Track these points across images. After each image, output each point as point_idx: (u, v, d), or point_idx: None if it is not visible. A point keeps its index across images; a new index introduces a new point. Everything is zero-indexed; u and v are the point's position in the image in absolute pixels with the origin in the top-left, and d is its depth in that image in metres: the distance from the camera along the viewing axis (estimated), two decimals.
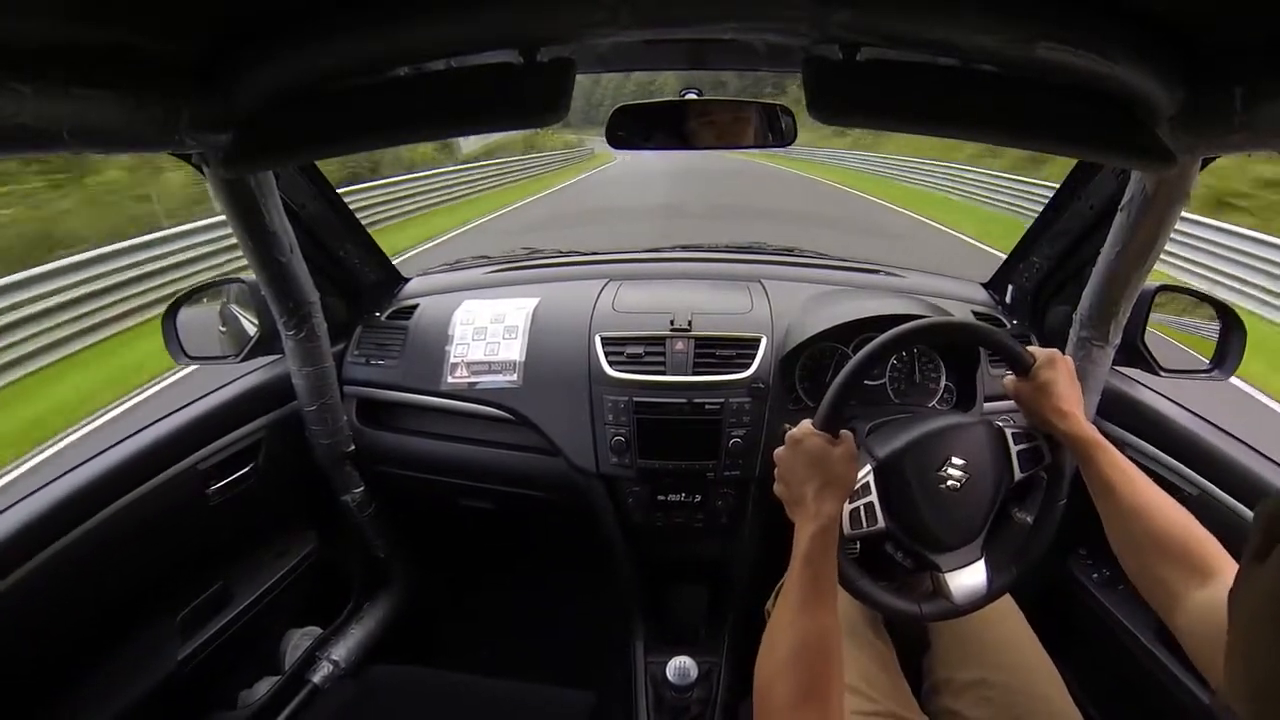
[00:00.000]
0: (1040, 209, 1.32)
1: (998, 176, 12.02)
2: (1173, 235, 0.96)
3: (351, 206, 1.40)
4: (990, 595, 0.84)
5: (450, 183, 13.56)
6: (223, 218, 1.06)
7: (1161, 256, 0.98)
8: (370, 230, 1.48)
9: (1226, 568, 0.66)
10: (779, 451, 0.82)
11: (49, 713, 0.97)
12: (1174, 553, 0.68)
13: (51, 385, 4.97)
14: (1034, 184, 10.25)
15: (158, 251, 6.37)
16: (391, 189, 11.17)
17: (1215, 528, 0.70)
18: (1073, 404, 0.84)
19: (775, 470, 0.82)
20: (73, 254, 5.69)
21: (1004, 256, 1.46)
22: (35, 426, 4.25)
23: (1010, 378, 0.90)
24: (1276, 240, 5.86)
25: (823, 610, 0.70)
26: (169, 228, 6.77)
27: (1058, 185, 1.25)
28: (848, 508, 0.80)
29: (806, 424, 0.81)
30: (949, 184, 13.86)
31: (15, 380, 4.95)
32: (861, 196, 14.63)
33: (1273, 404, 4.10)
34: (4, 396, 4.78)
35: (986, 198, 11.99)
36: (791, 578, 0.73)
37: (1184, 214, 0.94)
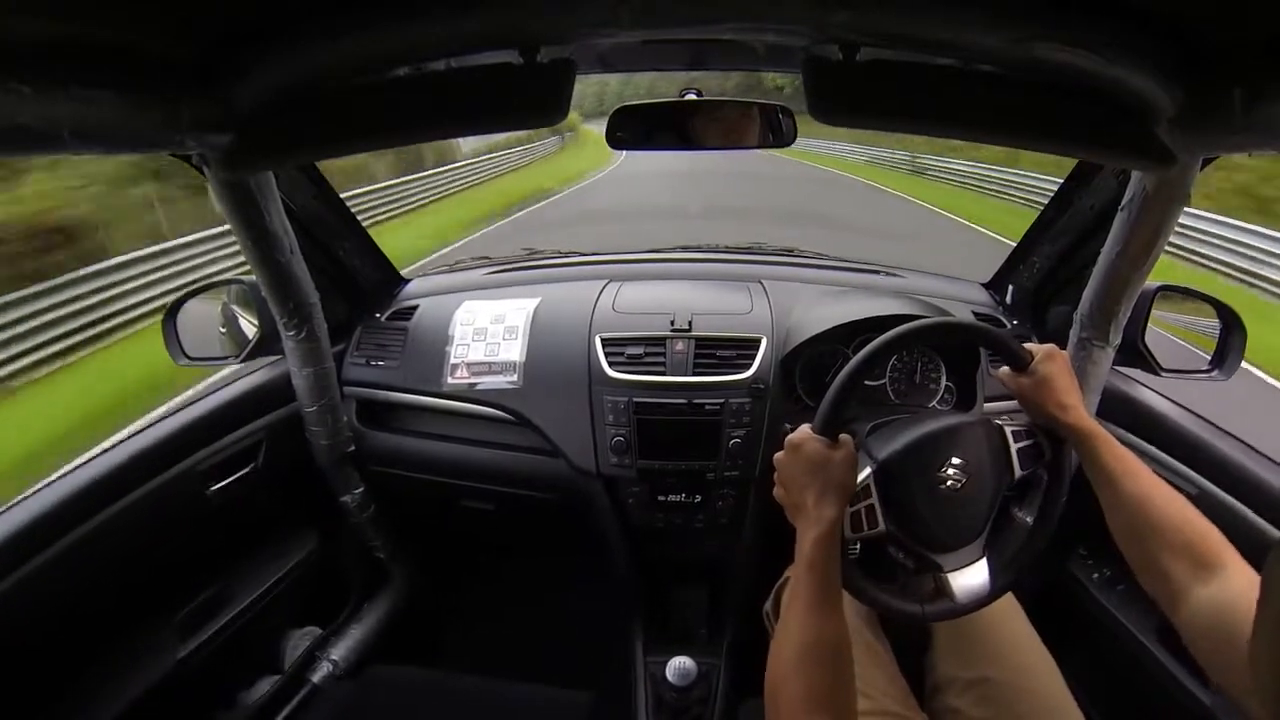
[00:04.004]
0: None
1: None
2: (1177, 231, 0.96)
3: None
4: (993, 594, 0.84)
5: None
6: None
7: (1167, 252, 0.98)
8: None
9: (1231, 562, 0.65)
10: (778, 456, 0.82)
11: (49, 712, 0.97)
12: (1177, 544, 0.68)
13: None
14: None
15: None
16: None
17: (1215, 526, 0.70)
18: (1073, 397, 0.84)
19: (775, 475, 0.82)
20: None
21: None
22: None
23: (1008, 373, 0.90)
24: None
25: (830, 614, 0.70)
26: None
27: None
28: (848, 511, 0.79)
29: (805, 429, 0.80)
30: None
31: None
32: None
33: None
34: None
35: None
36: (796, 584, 0.73)
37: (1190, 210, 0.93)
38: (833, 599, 0.71)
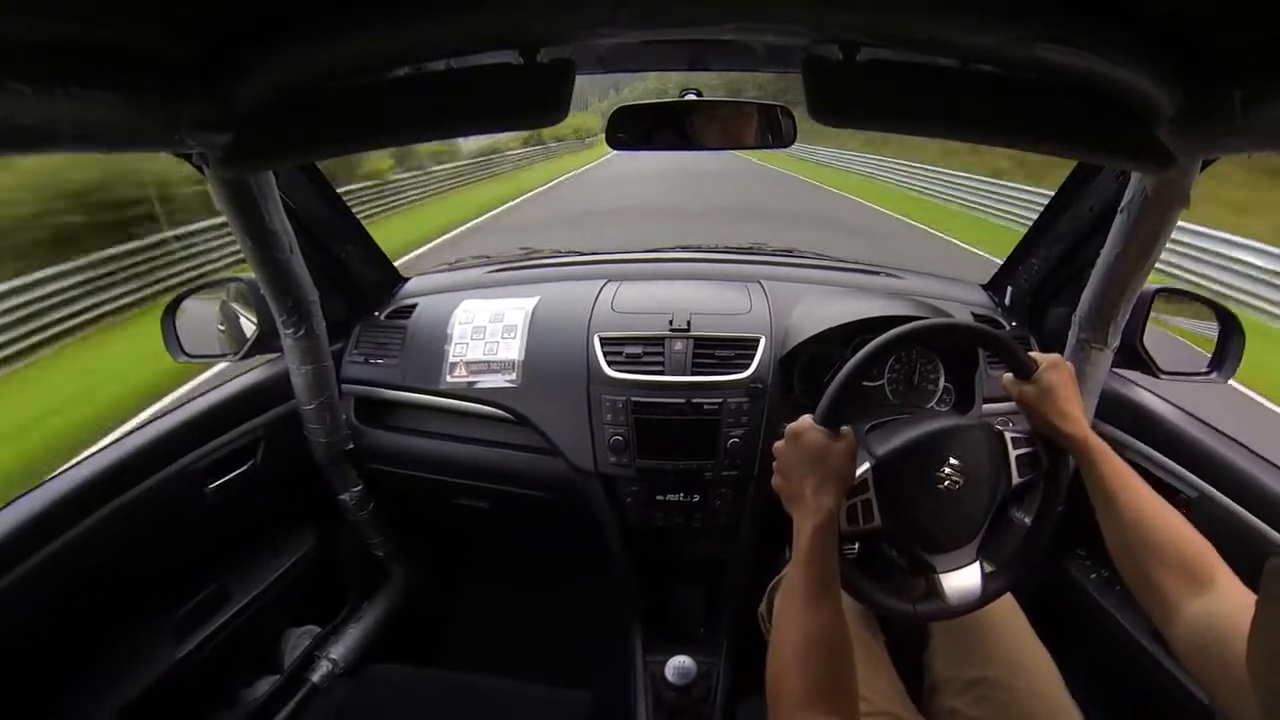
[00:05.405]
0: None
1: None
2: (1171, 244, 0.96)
3: None
4: (984, 598, 0.84)
5: None
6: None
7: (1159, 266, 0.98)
8: None
9: (1224, 578, 0.66)
10: (778, 445, 0.82)
11: (48, 711, 0.97)
12: (1171, 560, 0.69)
13: None
14: None
15: None
16: None
17: (1213, 529, 0.70)
18: (1075, 408, 0.84)
19: (774, 464, 0.82)
20: None
21: None
22: None
23: (1011, 379, 0.90)
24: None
25: (828, 606, 0.70)
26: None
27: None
28: (845, 503, 0.80)
29: (807, 419, 0.81)
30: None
31: None
32: None
33: None
34: None
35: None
36: (794, 575, 0.73)
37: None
38: (831, 590, 0.72)
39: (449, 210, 12.54)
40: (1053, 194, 1.27)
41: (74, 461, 1.02)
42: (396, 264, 1.61)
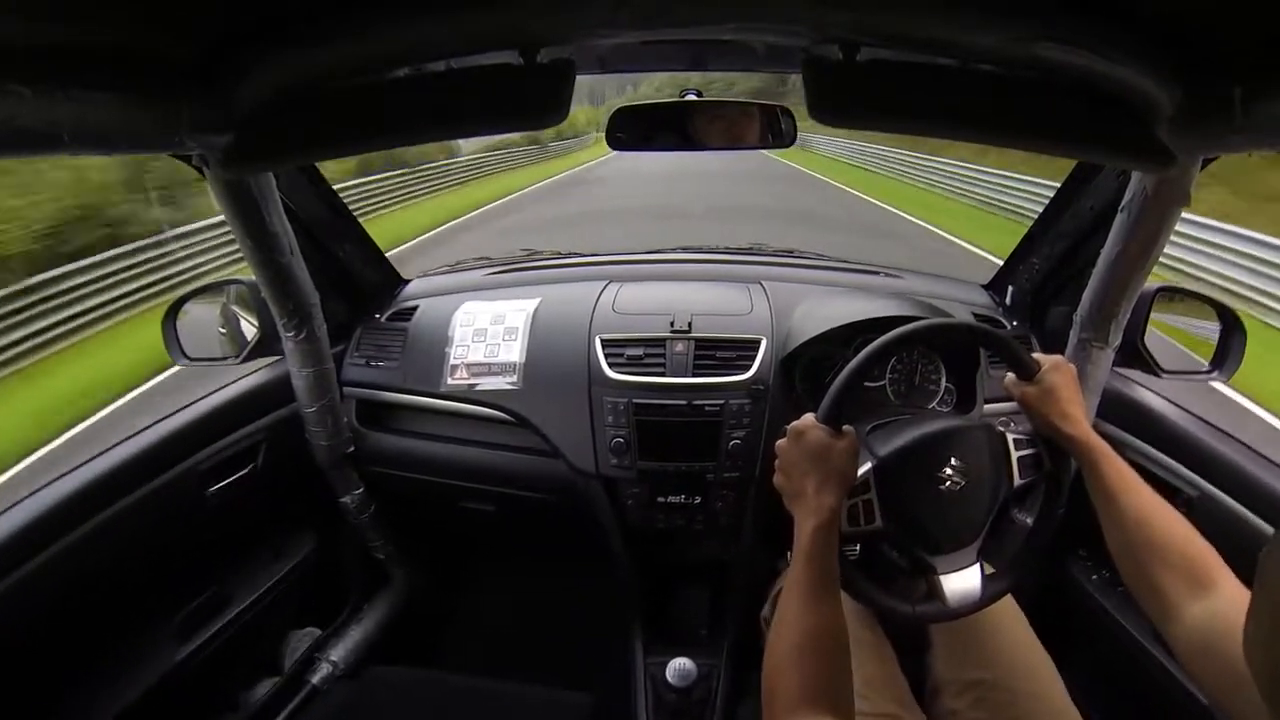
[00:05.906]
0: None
1: None
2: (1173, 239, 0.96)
3: None
4: (984, 600, 0.84)
5: None
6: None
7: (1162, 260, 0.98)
8: None
9: (1224, 580, 0.66)
10: (781, 443, 0.82)
11: (49, 713, 0.97)
12: (1173, 562, 0.68)
13: None
14: None
15: None
16: None
17: (1215, 528, 0.70)
18: (1077, 409, 0.84)
19: (776, 462, 0.82)
20: None
21: None
22: None
23: (1013, 380, 0.90)
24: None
25: (827, 605, 0.70)
26: None
27: None
28: (846, 503, 0.80)
29: (810, 417, 0.81)
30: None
31: None
32: None
33: None
34: None
35: None
36: (794, 573, 0.73)
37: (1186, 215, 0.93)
38: (830, 590, 0.72)
39: None
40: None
41: (76, 464, 1.02)
42: None
